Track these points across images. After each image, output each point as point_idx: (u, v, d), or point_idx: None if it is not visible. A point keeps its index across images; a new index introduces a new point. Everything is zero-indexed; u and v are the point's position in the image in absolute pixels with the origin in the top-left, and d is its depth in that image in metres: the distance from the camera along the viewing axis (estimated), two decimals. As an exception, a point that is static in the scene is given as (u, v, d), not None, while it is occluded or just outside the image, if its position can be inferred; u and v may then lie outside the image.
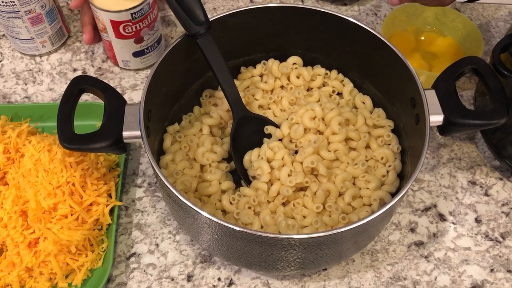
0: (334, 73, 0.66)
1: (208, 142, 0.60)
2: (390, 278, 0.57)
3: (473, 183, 0.65)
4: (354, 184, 0.57)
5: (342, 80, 0.66)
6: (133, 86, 0.73)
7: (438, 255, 0.59)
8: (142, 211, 0.62)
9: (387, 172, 0.58)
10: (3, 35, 0.79)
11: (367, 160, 0.59)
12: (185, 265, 0.58)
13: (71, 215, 0.55)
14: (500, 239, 0.60)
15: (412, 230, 0.61)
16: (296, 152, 0.59)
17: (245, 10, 0.59)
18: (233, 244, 0.49)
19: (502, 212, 0.62)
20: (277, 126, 0.61)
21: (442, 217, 0.62)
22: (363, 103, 0.64)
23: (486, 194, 0.64)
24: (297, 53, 0.66)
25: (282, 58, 0.66)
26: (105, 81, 0.54)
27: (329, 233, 0.45)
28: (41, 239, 0.54)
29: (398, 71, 0.56)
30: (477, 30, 0.72)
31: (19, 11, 0.69)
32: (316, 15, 0.60)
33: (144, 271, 0.57)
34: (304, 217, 0.55)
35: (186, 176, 0.57)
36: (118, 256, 0.58)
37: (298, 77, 0.65)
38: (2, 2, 0.67)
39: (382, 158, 0.59)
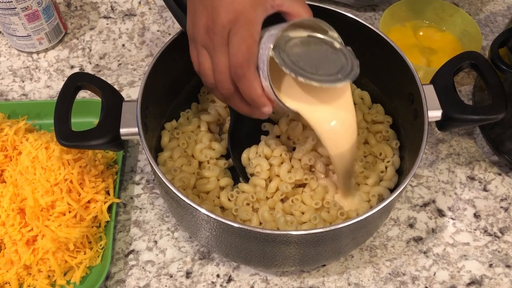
0: (332, 68, 0.66)
1: (206, 138, 0.59)
2: (389, 273, 0.57)
3: (471, 178, 0.65)
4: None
5: (340, 76, 0.66)
6: (130, 83, 0.73)
7: (437, 250, 0.59)
8: (140, 208, 0.61)
9: (386, 167, 0.58)
10: (0, 32, 0.78)
11: (365, 156, 0.59)
12: (184, 262, 0.58)
13: (69, 212, 0.55)
14: (499, 234, 0.60)
15: (411, 226, 0.61)
16: (293, 149, 0.59)
17: (243, 6, 0.59)
18: (232, 240, 0.49)
19: (501, 207, 0.62)
20: (275, 122, 0.61)
21: (441, 213, 0.62)
22: (362, 99, 0.64)
23: (485, 189, 0.64)
24: (295, 49, 0.65)
25: (280, 54, 0.66)
26: (103, 78, 0.53)
27: (328, 229, 0.45)
28: (39, 237, 0.54)
29: (396, 66, 0.56)
30: (475, 25, 0.72)
31: (16, 8, 0.68)
32: (314, 11, 0.59)
33: (143, 268, 0.57)
34: (303, 213, 0.54)
35: (184, 173, 0.56)
36: (117, 253, 0.58)
37: (296, 73, 0.65)
38: (-2, -1, 0.67)
39: (380, 154, 0.59)
